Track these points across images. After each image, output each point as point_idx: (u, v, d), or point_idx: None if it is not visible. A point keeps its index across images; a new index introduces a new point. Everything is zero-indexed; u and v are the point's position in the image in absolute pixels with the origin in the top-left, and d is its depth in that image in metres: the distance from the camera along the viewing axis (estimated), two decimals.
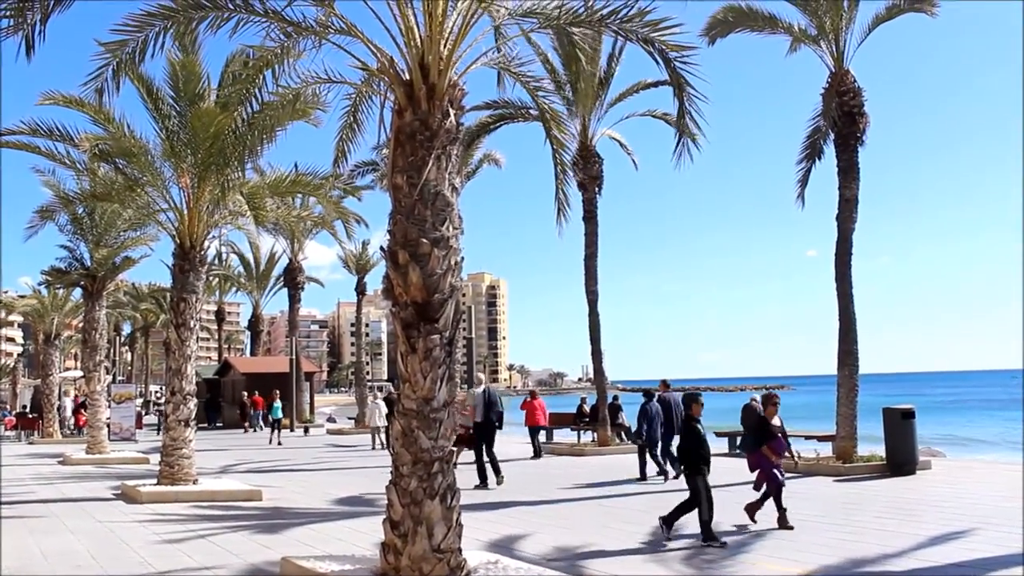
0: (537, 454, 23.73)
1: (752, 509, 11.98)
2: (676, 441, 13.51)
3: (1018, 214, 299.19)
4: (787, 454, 12.33)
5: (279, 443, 31.07)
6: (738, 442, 12.88)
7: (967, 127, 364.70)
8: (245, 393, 42.00)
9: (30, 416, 39.21)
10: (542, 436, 28.39)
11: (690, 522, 11.00)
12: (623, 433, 25.52)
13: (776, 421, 12.12)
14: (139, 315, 73.06)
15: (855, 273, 18.90)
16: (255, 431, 40.03)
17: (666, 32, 9.27)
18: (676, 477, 16.87)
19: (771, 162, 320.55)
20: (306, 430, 39.36)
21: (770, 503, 11.87)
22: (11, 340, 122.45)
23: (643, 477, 17.72)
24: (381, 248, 8.35)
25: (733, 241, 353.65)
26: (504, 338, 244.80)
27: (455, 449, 19.16)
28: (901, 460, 17.39)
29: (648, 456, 17.93)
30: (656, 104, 24.75)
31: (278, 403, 33.85)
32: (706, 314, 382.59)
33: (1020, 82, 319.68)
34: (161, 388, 74.66)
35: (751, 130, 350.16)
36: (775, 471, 11.77)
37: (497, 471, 17.24)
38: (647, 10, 9.14)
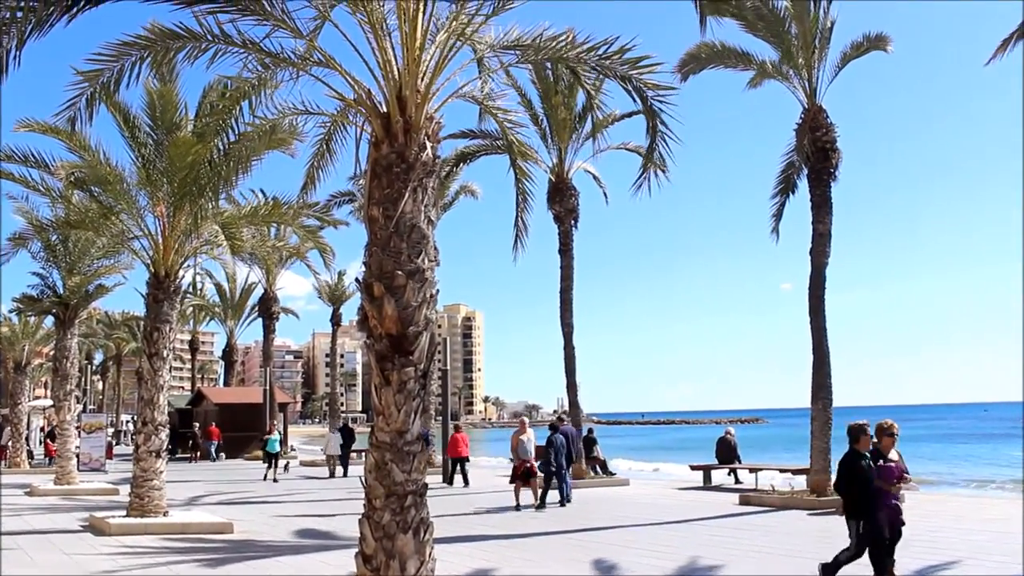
0: (464, 482, 24.78)
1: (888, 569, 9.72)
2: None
3: (999, 248, 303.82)
4: (902, 481, 9.83)
5: (274, 479, 28.44)
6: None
7: (941, 163, 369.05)
8: (196, 424, 41.71)
9: None
10: None
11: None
12: (597, 467, 25.56)
13: (893, 455, 9.77)
14: (111, 343, 72.24)
15: (829, 306, 19.12)
16: (211, 461, 39.37)
17: (644, 70, 9.35)
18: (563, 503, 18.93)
19: (746, 196, 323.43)
20: (286, 466, 33.96)
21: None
22: None
23: (543, 504, 18.77)
24: (356, 280, 8.33)
25: (708, 274, 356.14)
26: (479, 370, 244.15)
27: (518, 483, 19.48)
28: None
29: (556, 481, 19.13)
30: (630, 136, 24.67)
31: (276, 436, 30.97)
32: (681, 346, 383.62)
33: (1000, 120, 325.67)
34: (133, 417, 73.73)
35: (726, 163, 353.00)
36: (896, 502, 9.72)
37: None
38: (627, 47, 9.22)
